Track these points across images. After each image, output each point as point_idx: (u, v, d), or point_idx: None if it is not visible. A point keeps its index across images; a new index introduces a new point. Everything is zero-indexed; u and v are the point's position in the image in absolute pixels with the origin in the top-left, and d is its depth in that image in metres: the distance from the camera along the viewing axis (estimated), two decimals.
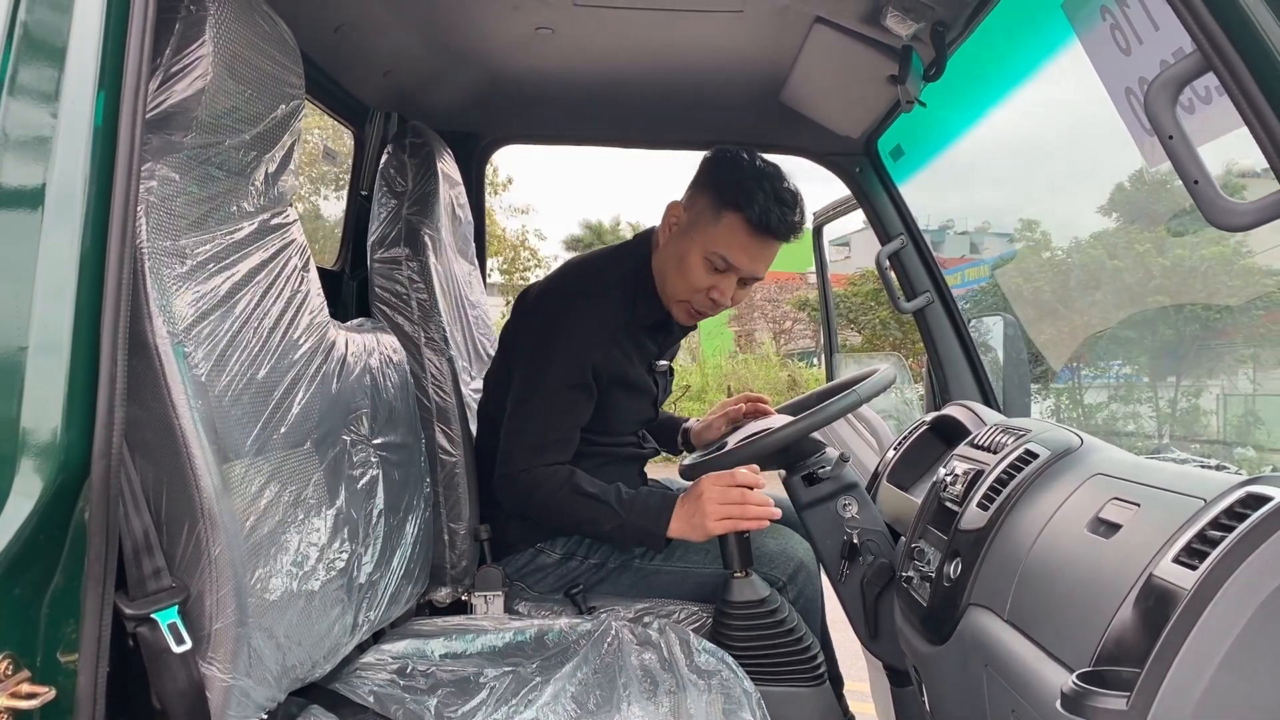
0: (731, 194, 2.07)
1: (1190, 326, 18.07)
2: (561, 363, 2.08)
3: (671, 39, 2.28)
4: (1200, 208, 1.05)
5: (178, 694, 1.15)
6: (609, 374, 2.13)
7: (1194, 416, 17.59)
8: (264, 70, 1.34)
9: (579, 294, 2.18)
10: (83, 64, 1.04)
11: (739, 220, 2.07)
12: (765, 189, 2.06)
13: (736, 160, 2.14)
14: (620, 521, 2.01)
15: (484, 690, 1.59)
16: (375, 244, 2.18)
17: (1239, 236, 17.83)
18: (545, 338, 2.12)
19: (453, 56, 2.42)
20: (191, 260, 1.24)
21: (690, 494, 1.99)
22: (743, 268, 2.11)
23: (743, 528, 1.95)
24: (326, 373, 1.53)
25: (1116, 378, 18.83)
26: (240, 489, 1.24)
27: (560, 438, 2.09)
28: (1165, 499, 1.23)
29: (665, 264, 2.18)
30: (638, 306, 2.20)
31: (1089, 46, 1.49)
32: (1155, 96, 1.06)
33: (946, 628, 1.60)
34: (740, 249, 2.09)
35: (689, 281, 2.13)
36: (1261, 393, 18.04)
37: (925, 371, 2.85)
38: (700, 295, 2.14)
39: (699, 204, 2.14)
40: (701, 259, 2.10)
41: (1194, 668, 1.00)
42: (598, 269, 2.27)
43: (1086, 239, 20.05)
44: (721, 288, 2.13)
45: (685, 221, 2.16)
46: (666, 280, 2.18)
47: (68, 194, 1.02)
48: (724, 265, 2.10)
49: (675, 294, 2.17)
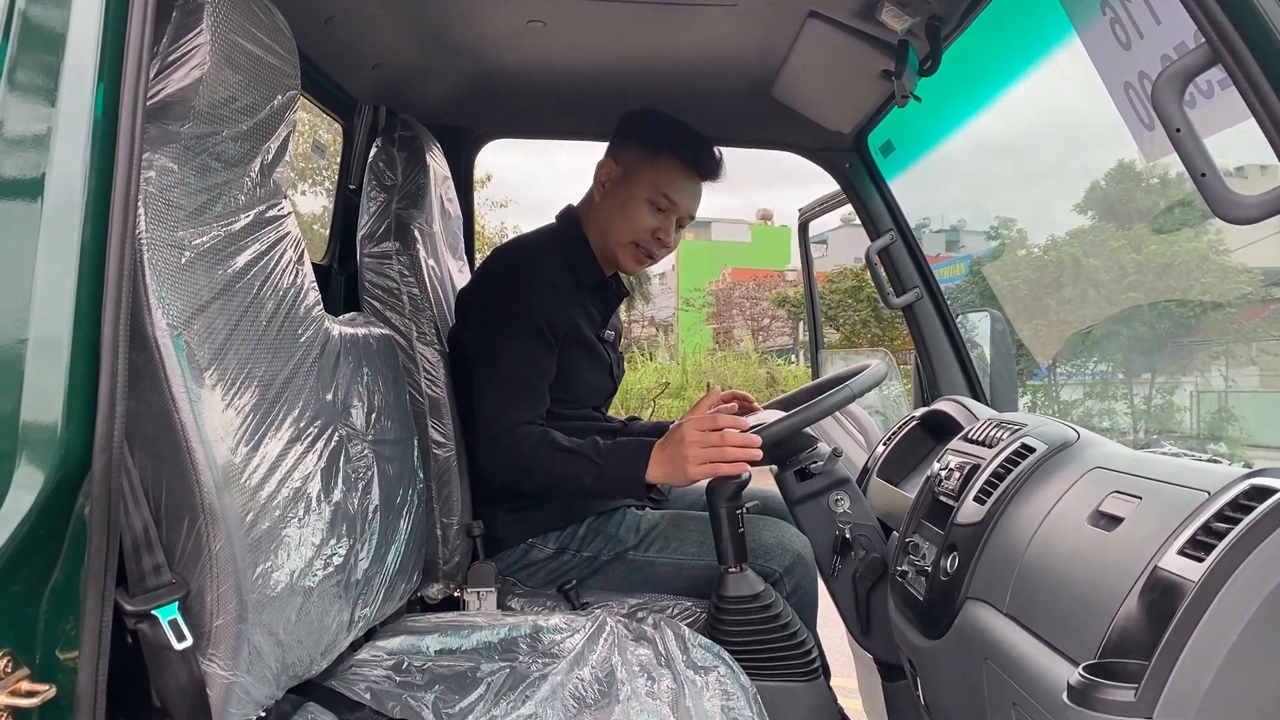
0: (662, 137, 2.25)
1: (1165, 324, 18.25)
2: (517, 320, 2.14)
3: (664, 33, 2.28)
4: (1207, 200, 1.06)
5: (178, 691, 1.13)
6: (563, 330, 2.19)
7: (1169, 413, 17.77)
8: (261, 60, 1.33)
9: (519, 264, 2.26)
10: (82, 55, 1.03)
11: (675, 160, 2.24)
12: (689, 134, 2.27)
13: (656, 112, 2.32)
14: (600, 471, 2.01)
15: (481, 685, 1.58)
16: (365, 238, 2.16)
17: (1213, 235, 17.98)
18: (491, 309, 2.19)
19: (443, 50, 2.40)
20: (190, 251, 1.22)
21: (671, 437, 1.98)
22: (682, 205, 2.27)
23: (723, 472, 1.93)
24: (323, 367, 1.51)
25: (1092, 375, 18.98)
26: (240, 484, 1.23)
27: (528, 389, 2.12)
28: (1167, 492, 1.24)
29: (607, 215, 2.29)
30: (576, 269, 2.29)
31: (1087, 41, 1.49)
32: (1163, 89, 1.06)
33: (944, 622, 1.61)
34: (680, 187, 2.26)
35: (635, 224, 2.26)
36: (1234, 389, 18.24)
37: (913, 367, 2.86)
38: (646, 235, 2.27)
39: (629, 154, 2.28)
40: (645, 201, 2.24)
41: (1201, 660, 1.00)
42: (529, 240, 2.38)
43: (1064, 236, 20.19)
44: (665, 227, 2.28)
45: (619, 173, 2.28)
46: (611, 229, 2.29)
47: (67, 186, 1.01)
48: (666, 204, 2.25)
49: (620, 239, 2.28)
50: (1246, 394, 17.90)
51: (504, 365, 2.11)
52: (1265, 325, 18.20)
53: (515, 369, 2.11)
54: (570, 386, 2.24)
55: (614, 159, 2.29)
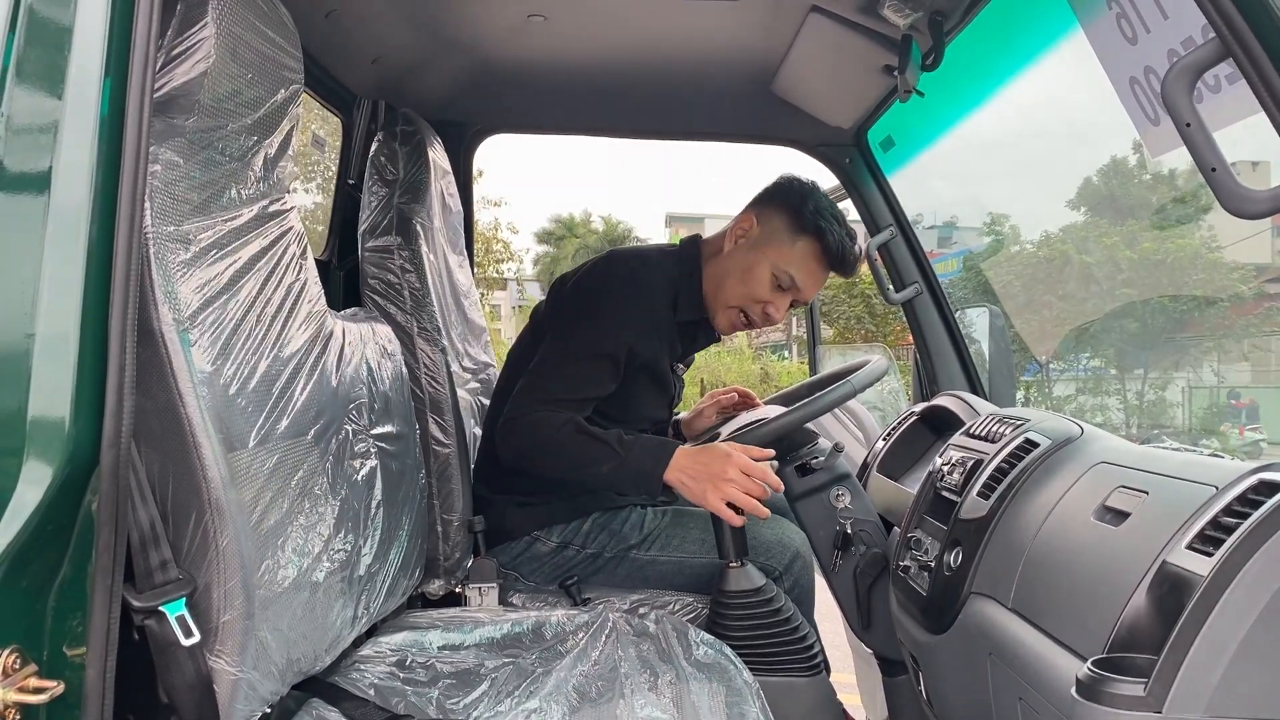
0: (812, 220, 2.17)
1: (1157, 320, 18.29)
2: (596, 332, 2.09)
3: (665, 27, 2.27)
4: (1217, 195, 1.06)
5: (186, 688, 1.12)
6: (641, 359, 2.13)
7: (1161, 408, 17.82)
8: (264, 54, 1.32)
9: (627, 278, 2.20)
10: (88, 51, 1.03)
11: (815, 247, 2.17)
12: (839, 223, 2.19)
13: (815, 190, 2.23)
14: (619, 461, 1.96)
15: (485, 682, 1.58)
16: (366, 233, 2.16)
17: (1205, 233, 18.03)
18: (583, 311, 2.13)
19: (443, 44, 2.39)
20: (195, 246, 1.21)
21: (712, 450, 1.93)
22: (805, 290, 2.22)
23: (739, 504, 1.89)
24: (327, 362, 1.51)
25: (1084, 371, 19.02)
26: (247, 479, 1.22)
27: (574, 400, 2.06)
28: (1174, 486, 1.24)
29: (727, 270, 2.22)
30: (679, 304, 2.23)
31: (1092, 35, 1.49)
32: (1173, 84, 1.06)
33: (947, 617, 1.60)
34: (809, 273, 2.20)
35: (750, 291, 2.20)
36: (1225, 385, 18.31)
37: (912, 362, 2.86)
38: (756, 306, 2.22)
39: (773, 222, 2.21)
40: (769, 273, 2.18)
41: (1211, 654, 1.00)
42: (645, 261, 2.27)
43: (1057, 232, 20.22)
44: (778, 304, 2.21)
45: (756, 235, 2.21)
46: (725, 285, 2.22)
47: (74, 181, 1.00)
48: (789, 284, 2.19)
49: (729, 300, 2.22)
50: (1239, 390, 17.96)
51: (563, 369, 2.07)
52: (1257, 322, 18.27)
53: (573, 377, 2.07)
54: (628, 409, 2.19)
55: (758, 218, 2.22)
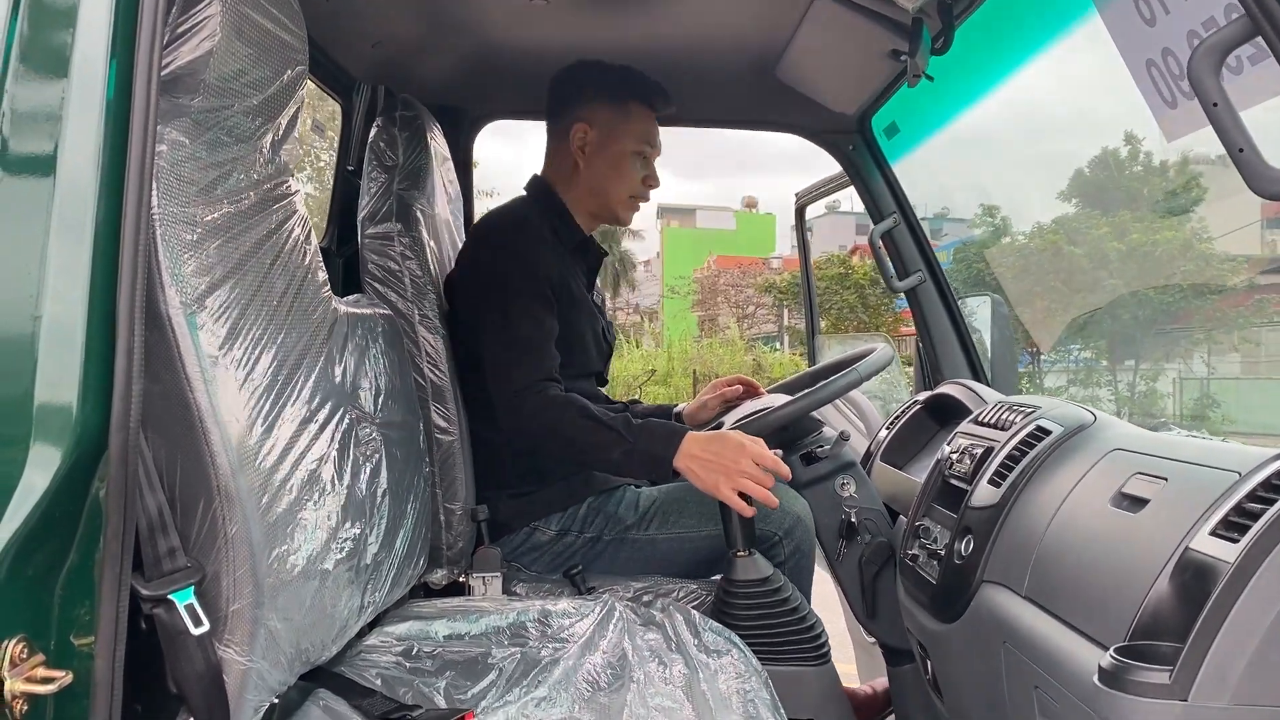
0: (623, 89, 2.29)
1: (1148, 311, 18.35)
2: (518, 282, 2.13)
3: (668, 12, 2.25)
4: (1244, 176, 1.04)
5: (195, 677, 1.10)
6: (558, 285, 2.18)
7: (1152, 399, 17.89)
8: (270, 33, 1.29)
9: (508, 229, 2.26)
10: (94, 31, 1.01)
11: (642, 107, 2.30)
12: (640, 77, 2.31)
13: (596, 63, 2.33)
14: (629, 447, 1.96)
15: (493, 671, 1.56)
16: (366, 219, 2.13)
17: (1195, 224, 18.07)
18: (493, 281, 2.16)
19: (444, 28, 2.37)
20: (201, 228, 1.19)
21: (724, 439, 1.91)
22: (658, 146, 2.36)
23: (745, 509, 1.89)
24: (332, 347, 1.48)
25: (1076, 361, 19.08)
26: (255, 466, 1.20)
27: (541, 346, 2.10)
28: (1195, 473, 1.23)
29: (598, 177, 2.31)
30: (558, 231, 2.31)
31: (1108, 17, 1.47)
32: (1199, 63, 1.04)
33: (958, 605, 1.59)
34: (655, 131, 2.35)
35: (630, 179, 2.32)
36: (1215, 376, 18.38)
37: (915, 351, 2.85)
38: (639, 185, 2.34)
39: (600, 114, 2.28)
40: (632, 155, 2.30)
41: (1238, 641, 0.99)
42: (509, 209, 2.36)
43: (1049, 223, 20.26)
44: (651, 172, 2.35)
45: (595, 135, 2.29)
46: (608, 190, 2.32)
47: (80, 164, 0.98)
48: (649, 150, 2.33)
49: (619, 197, 2.34)
50: (1229, 380, 18.04)
51: (514, 326, 2.08)
52: (1247, 313, 18.35)
53: (526, 328, 2.08)
54: (573, 349, 2.20)
55: (585, 122, 2.28)
